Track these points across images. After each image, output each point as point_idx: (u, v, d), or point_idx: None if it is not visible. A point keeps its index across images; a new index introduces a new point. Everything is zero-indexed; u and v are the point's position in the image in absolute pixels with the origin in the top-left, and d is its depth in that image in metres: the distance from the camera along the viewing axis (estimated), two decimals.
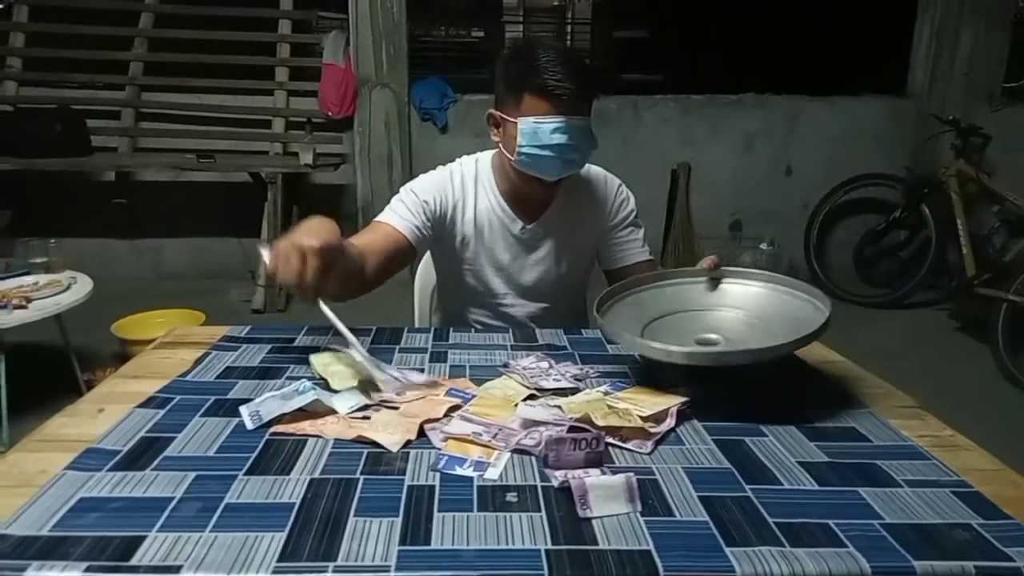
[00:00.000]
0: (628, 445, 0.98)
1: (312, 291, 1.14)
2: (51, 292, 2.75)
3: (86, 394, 1.16)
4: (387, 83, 4.54)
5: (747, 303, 1.33)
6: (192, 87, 4.59)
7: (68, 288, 2.82)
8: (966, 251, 4.10)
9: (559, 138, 1.42)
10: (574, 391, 1.18)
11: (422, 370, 1.25)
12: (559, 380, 1.21)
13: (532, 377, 1.21)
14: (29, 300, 2.65)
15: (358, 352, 1.18)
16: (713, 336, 1.27)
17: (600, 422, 0.99)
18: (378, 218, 1.57)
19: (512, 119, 1.46)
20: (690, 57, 7.20)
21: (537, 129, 1.43)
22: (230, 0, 4.53)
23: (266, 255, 1.18)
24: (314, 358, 1.23)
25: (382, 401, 1.10)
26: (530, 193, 1.58)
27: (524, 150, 1.45)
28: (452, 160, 1.68)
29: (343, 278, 1.27)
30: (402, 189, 1.61)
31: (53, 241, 3.10)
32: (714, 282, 1.37)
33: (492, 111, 1.53)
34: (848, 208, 4.80)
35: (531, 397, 1.15)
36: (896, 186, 4.59)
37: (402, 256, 1.55)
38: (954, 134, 4.28)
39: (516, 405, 1.08)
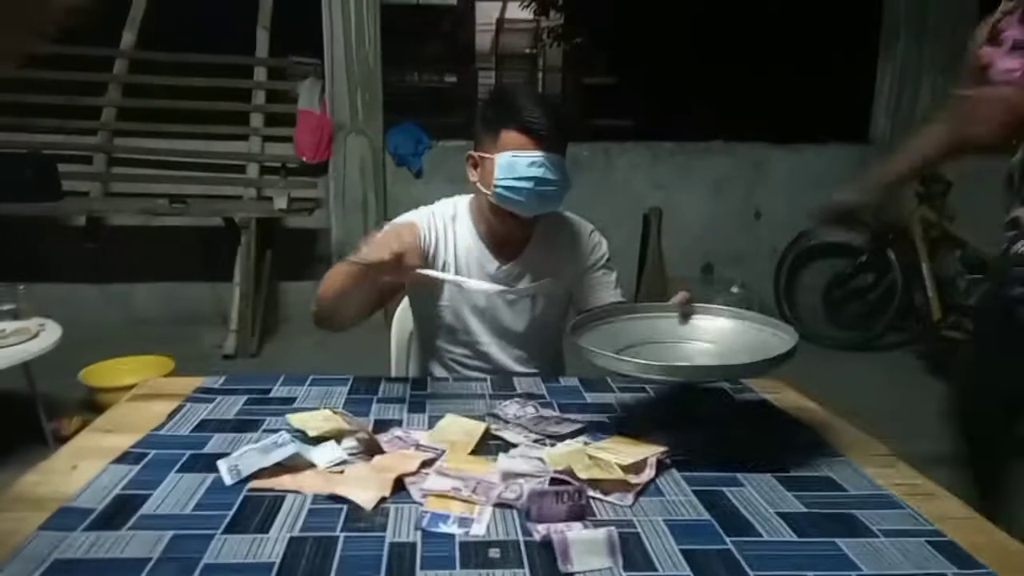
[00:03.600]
0: (609, 498, 0.98)
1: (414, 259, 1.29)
2: (19, 340, 2.70)
3: (56, 446, 1.14)
4: (362, 129, 4.57)
5: (717, 336, 1.36)
6: (166, 132, 4.58)
7: (36, 335, 2.77)
8: (932, 295, 4.18)
9: (536, 171, 1.47)
10: (582, 431, 1.20)
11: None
12: (560, 423, 1.23)
13: (535, 425, 1.22)
14: None
15: (458, 280, 1.35)
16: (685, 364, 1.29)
17: (582, 474, 1.00)
18: None
19: (490, 155, 1.51)
20: (659, 103, 7.37)
21: (514, 162, 1.47)
22: (205, 47, 4.56)
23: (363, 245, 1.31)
24: (291, 417, 1.23)
25: (359, 451, 1.09)
26: (506, 232, 1.61)
27: (501, 183, 1.48)
28: (427, 204, 1.72)
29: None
30: (387, 225, 1.64)
31: (22, 287, 3.06)
32: (685, 316, 1.40)
33: (471, 153, 1.58)
34: (816, 252, 4.89)
35: (489, 437, 1.17)
36: (862, 231, 4.68)
37: (394, 287, 1.58)
38: (917, 181, 4.39)
39: (494, 460, 1.07)
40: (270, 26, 4.67)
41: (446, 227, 1.65)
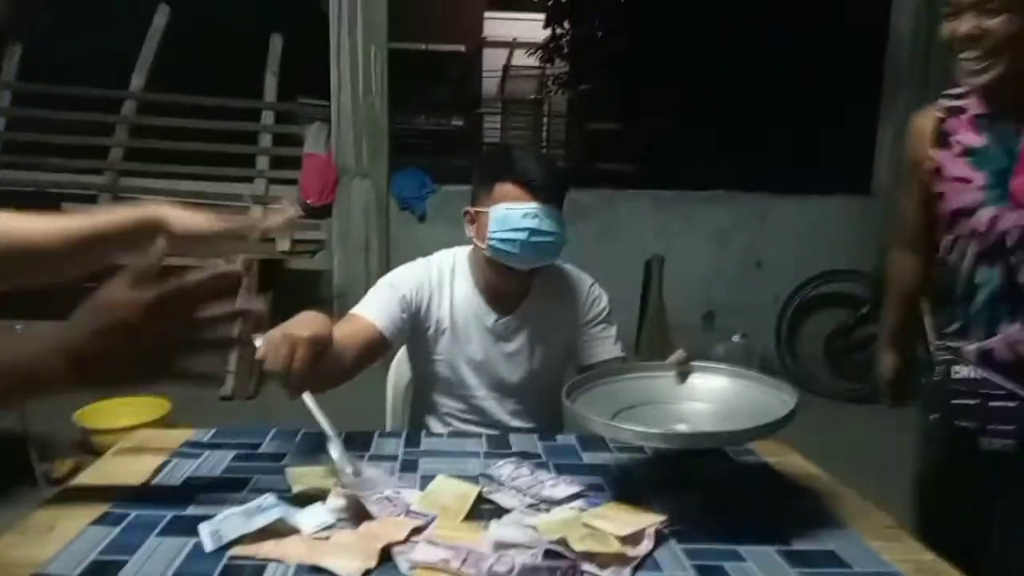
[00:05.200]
0: (605, 573, 0.94)
1: (297, 382, 1.18)
2: None
3: (47, 488, 1.11)
4: (367, 173, 4.60)
5: (715, 396, 1.33)
6: (172, 173, 4.62)
7: None
8: (933, 348, 4.14)
9: (530, 223, 1.46)
10: (578, 496, 1.16)
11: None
12: (556, 485, 1.19)
13: (530, 487, 1.18)
14: None
15: (335, 448, 1.17)
16: (682, 427, 1.26)
17: (577, 547, 0.96)
18: (354, 310, 1.59)
19: (485, 209, 1.50)
20: (662, 150, 7.42)
21: (508, 215, 1.46)
22: (214, 90, 4.62)
23: (259, 343, 1.20)
24: (292, 471, 1.20)
25: (345, 517, 1.06)
26: (504, 287, 1.60)
27: (495, 235, 1.48)
28: (429, 249, 1.72)
29: (325, 370, 1.31)
30: (380, 281, 1.64)
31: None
32: (683, 376, 1.37)
33: (467, 208, 1.57)
34: (818, 302, 4.88)
35: (482, 500, 1.13)
36: (864, 282, 4.67)
37: (378, 349, 1.57)
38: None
39: (486, 527, 1.03)
40: (279, 69, 4.73)
41: (442, 281, 1.64)
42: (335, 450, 1.17)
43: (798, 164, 5.56)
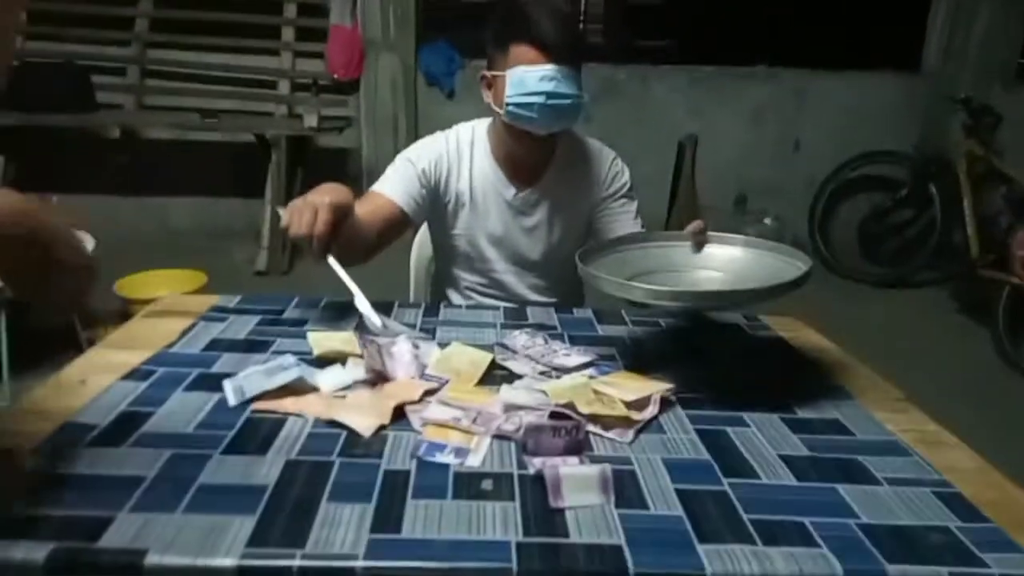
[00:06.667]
0: (609, 433, 0.97)
1: (321, 245, 1.22)
2: None
3: (73, 362, 1.16)
4: (394, 46, 4.48)
5: (729, 265, 1.33)
6: (198, 45, 4.54)
7: None
8: (971, 232, 4.06)
9: (547, 85, 1.42)
10: (589, 364, 1.19)
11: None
12: (568, 355, 1.22)
13: (543, 356, 1.21)
14: None
15: (361, 302, 1.24)
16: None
17: (584, 409, 0.99)
18: (374, 188, 1.59)
19: (501, 73, 1.46)
20: (704, 24, 7.08)
21: (524, 77, 1.43)
22: None
23: (282, 212, 1.25)
24: (311, 335, 1.23)
25: (365, 377, 1.09)
26: (524, 154, 1.58)
27: (512, 100, 1.45)
28: (457, 125, 1.69)
29: (349, 241, 1.33)
30: (398, 157, 1.63)
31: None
32: (699, 245, 1.36)
33: (484, 72, 1.54)
34: (855, 185, 4.76)
35: (496, 367, 1.17)
36: (904, 164, 4.53)
37: (399, 226, 1.57)
38: (965, 113, 4.21)
39: (497, 391, 1.07)
40: None
41: (461, 154, 1.62)
42: (361, 303, 1.23)
43: (844, 37, 5.27)
